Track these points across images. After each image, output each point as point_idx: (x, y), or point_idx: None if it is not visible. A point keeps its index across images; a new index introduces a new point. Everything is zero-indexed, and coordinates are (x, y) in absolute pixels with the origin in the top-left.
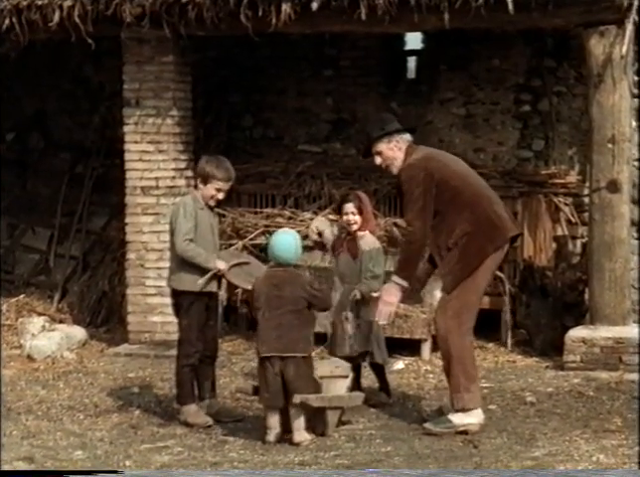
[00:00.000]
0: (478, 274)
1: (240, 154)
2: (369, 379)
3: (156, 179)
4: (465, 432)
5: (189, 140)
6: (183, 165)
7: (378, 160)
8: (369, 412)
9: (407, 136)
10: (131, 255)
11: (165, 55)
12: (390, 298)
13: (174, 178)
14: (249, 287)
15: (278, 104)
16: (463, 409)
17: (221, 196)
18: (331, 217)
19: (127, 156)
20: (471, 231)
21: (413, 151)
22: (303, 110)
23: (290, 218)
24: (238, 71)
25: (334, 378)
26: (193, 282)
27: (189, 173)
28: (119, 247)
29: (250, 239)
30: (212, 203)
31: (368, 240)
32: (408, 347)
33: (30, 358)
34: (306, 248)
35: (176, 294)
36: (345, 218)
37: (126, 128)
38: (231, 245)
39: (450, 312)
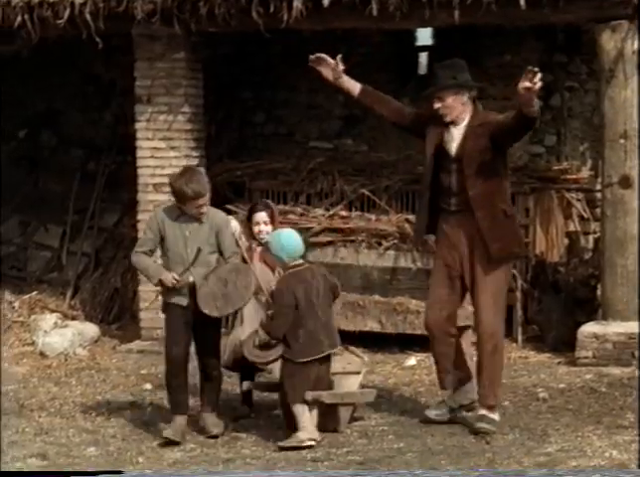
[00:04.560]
0: (508, 270)
1: (252, 151)
2: None
3: (168, 176)
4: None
5: (200, 137)
6: (195, 162)
7: (437, 104)
8: (381, 409)
9: (474, 92)
10: None
11: (177, 51)
12: None
13: None
14: (211, 313)
15: (290, 101)
16: (494, 407)
17: (203, 210)
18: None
19: (139, 153)
20: (514, 214)
21: (476, 107)
22: (314, 107)
23: (302, 214)
24: (249, 67)
25: (346, 374)
26: (167, 293)
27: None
28: (131, 244)
29: None
30: (199, 217)
31: None
32: (420, 343)
33: (42, 355)
34: None
35: None
36: (256, 228)
37: (138, 125)
38: None
39: (496, 308)
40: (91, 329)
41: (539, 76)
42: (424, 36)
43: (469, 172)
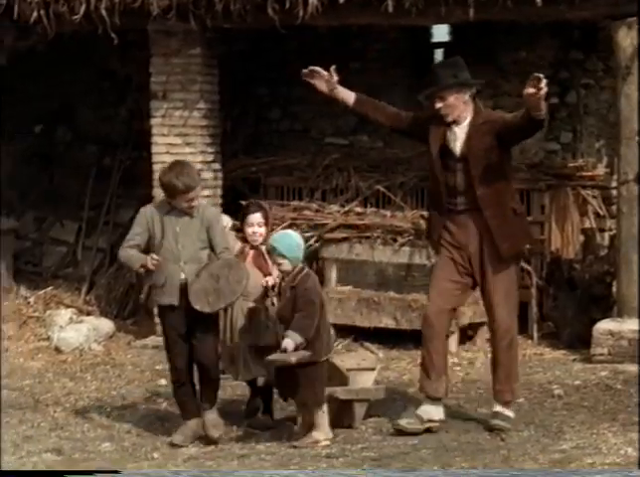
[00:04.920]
0: (518, 267)
1: (267, 147)
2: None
3: None
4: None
5: (216, 133)
6: (210, 158)
7: (438, 104)
8: (395, 405)
9: (474, 90)
10: None
11: (192, 47)
12: None
13: (201, 171)
14: (202, 308)
15: (305, 97)
16: (510, 402)
17: (194, 203)
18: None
19: (154, 149)
20: (523, 212)
21: (477, 105)
22: (330, 103)
23: (317, 210)
24: (264, 63)
25: (361, 370)
26: (158, 293)
27: (216, 166)
28: None
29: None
30: (189, 211)
31: None
32: None
33: (58, 350)
34: None
35: None
36: (250, 229)
37: (153, 121)
38: None
39: (509, 305)
40: (107, 324)
41: (544, 81)
42: (440, 32)
43: (476, 171)
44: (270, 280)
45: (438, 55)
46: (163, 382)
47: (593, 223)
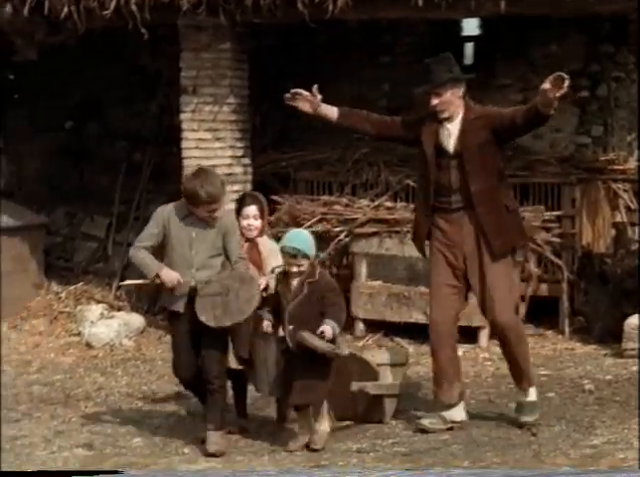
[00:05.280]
0: (515, 261)
1: (297, 141)
2: None
3: (213, 167)
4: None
5: (246, 128)
6: (240, 153)
7: (434, 101)
8: (426, 400)
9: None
10: None
11: (222, 42)
12: None
13: (231, 165)
14: (207, 322)
15: (335, 91)
16: (528, 386)
17: (216, 214)
18: None
19: (184, 144)
20: (517, 208)
21: (468, 101)
22: (359, 97)
23: (347, 205)
24: (294, 58)
25: (391, 365)
26: (165, 298)
27: (246, 161)
28: None
29: (307, 227)
30: (211, 222)
31: (266, 244)
32: (465, 334)
33: (88, 345)
34: None
35: None
36: (245, 222)
37: (183, 116)
38: None
39: (512, 301)
40: (137, 320)
41: (567, 82)
42: (470, 26)
43: (470, 167)
44: (263, 282)
45: (469, 49)
46: None
47: (624, 216)
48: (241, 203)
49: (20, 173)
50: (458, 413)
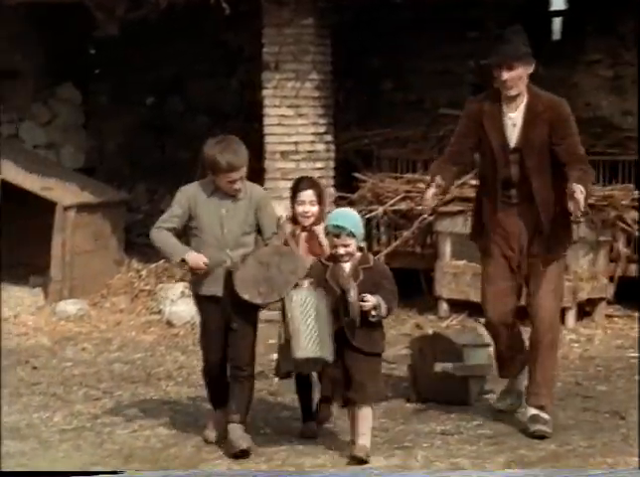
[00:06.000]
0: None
1: (380, 118)
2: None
3: (295, 143)
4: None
5: (328, 104)
6: (322, 129)
7: (505, 75)
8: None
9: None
10: None
11: (305, 17)
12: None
13: (313, 142)
14: (252, 299)
15: (419, 68)
16: (545, 407)
17: (237, 186)
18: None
19: (266, 120)
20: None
21: (532, 87)
22: (445, 73)
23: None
24: (378, 33)
25: (476, 346)
26: (197, 282)
27: (328, 138)
28: None
29: (391, 205)
30: (232, 193)
31: None
32: None
33: (169, 323)
34: None
35: None
36: (301, 208)
37: (265, 92)
38: (371, 211)
39: (557, 300)
40: None
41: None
42: (558, 0)
43: (530, 163)
44: None
45: (556, 24)
46: (275, 356)
47: None
48: (296, 187)
49: (101, 149)
50: (520, 384)
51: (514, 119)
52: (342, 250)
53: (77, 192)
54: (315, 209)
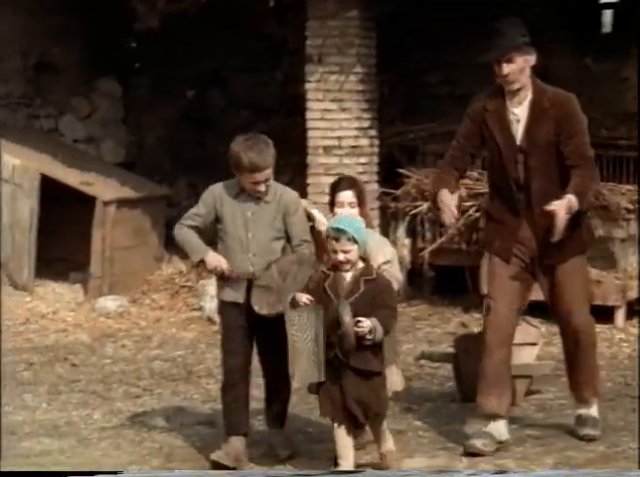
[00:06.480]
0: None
1: (425, 113)
2: None
3: (339, 138)
4: None
5: (372, 98)
6: (366, 124)
7: (506, 69)
8: (559, 382)
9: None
10: None
11: (349, 9)
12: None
13: (357, 137)
14: (260, 310)
15: (465, 61)
16: (591, 399)
17: (261, 188)
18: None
19: (309, 114)
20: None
21: (536, 80)
22: (488, 66)
23: (478, 179)
24: (422, 26)
25: (523, 345)
26: (224, 289)
27: (372, 132)
28: None
29: None
30: (256, 195)
31: (374, 237)
32: (601, 314)
33: (210, 320)
34: None
35: None
36: (339, 211)
37: (308, 86)
38: (416, 207)
39: (587, 301)
40: None
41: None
42: None
43: (533, 162)
44: None
45: (607, 16)
46: None
47: None
48: (335, 188)
49: (141, 143)
50: (504, 430)
51: (518, 115)
52: (341, 257)
53: (117, 187)
54: (355, 211)
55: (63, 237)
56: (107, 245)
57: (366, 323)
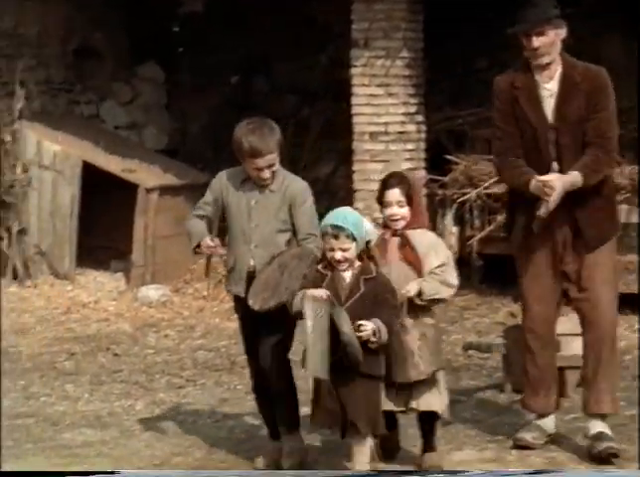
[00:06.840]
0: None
1: (474, 98)
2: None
3: (385, 124)
4: None
5: (420, 83)
6: (413, 109)
7: (536, 42)
8: None
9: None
10: (358, 204)
11: None
12: None
13: (404, 123)
14: (253, 305)
15: (515, 45)
16: (606, 415)
17: (264, 174)
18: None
19: (354, 100)
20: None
21: (565, 54)
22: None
23: None
24: (472, 10)
25: (573, 336)
26: (230, 280)
27: (419, 118)
28: (346, 196)
29: (485, 188)
30: (259, 183)
31: (427, 238)
32: (627, 303)
33: None
34: None
35: None
36: (388, 211)
37: (354, 70)
38: (464, 194)
39: (615, 300)
40: None
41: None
42: None
43: (564, 141)
44: (414, 288)
45: None
46: None
47: None
48: (383, 186)
49: (184, 130)
50: (551, 424)
51: (551, 90)
52: (339, 255)
53: (159, 174)
54: (405, 210)
55: (104, 224)
56: (149, 234)
57: (368, 326)
